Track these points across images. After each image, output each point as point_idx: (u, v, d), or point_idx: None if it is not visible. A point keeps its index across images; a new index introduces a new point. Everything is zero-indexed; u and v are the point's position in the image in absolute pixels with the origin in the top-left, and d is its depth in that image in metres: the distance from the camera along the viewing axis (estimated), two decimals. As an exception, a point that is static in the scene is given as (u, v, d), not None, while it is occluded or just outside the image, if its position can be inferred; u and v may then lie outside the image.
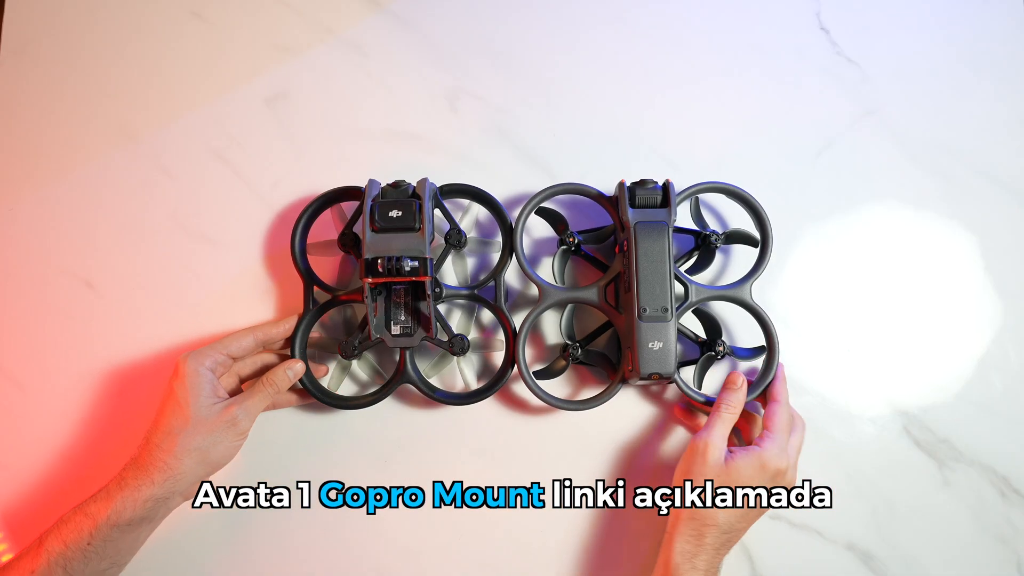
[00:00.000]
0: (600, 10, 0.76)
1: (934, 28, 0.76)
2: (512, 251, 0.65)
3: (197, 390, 0.57)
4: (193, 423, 0.56)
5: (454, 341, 0.63)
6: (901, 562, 0.66)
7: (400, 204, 0.59)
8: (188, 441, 0.56)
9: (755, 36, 0.75)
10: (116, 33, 0.75)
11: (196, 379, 0.58)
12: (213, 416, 0.57)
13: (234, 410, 0.58)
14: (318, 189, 0.67)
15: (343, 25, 0.75)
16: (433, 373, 0.67)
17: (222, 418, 0.57)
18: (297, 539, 0.66)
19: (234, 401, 0.59)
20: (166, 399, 0.58)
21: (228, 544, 0.65)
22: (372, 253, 0.59)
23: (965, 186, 0.73)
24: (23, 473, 0.66)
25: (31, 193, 0.71)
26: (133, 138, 0.72)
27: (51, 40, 0.74)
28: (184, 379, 0.58)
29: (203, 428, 0.57)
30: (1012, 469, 0.68)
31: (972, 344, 0.70)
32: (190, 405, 0.57)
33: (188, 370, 0.58)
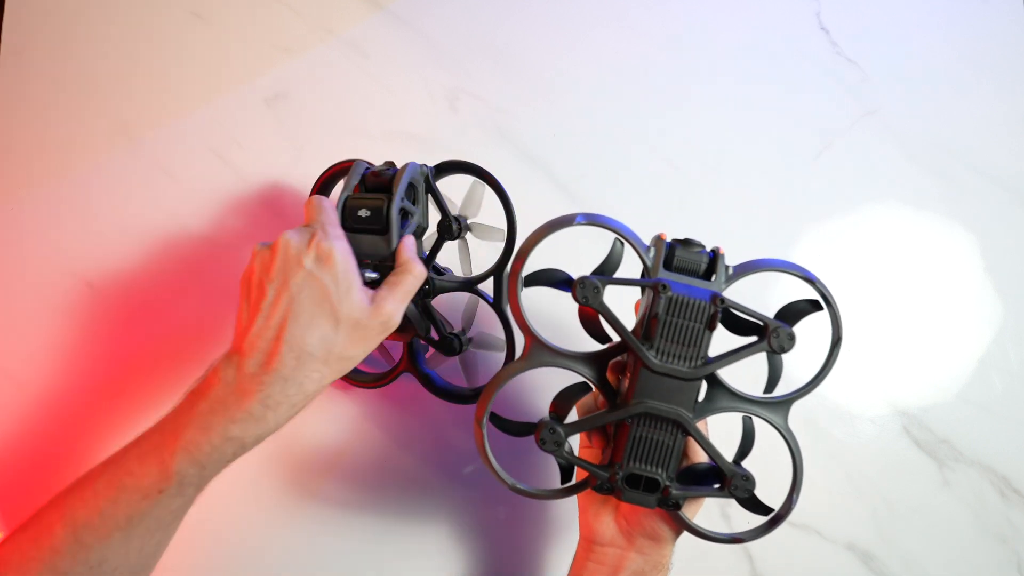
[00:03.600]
0: (600, 10, 0.76)
1: (934, 28, 0.77)
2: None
3: (349, 281, 0.47)
4: (345, 325, 0.46)
5: (446, 340, 0.59)
6: (901, 562, 0.66)
7: (368, 203, 0.52)
8: (333, 348, 0.46)
9: (755, 36, 0.75)
10: (116, 33, 0.75)
11: (350, 264, 0.47)
12: (367, 315, 0.47)
13: (388, 307, 0.48)
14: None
15: (343, 25, 0.75)
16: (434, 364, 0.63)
17: (377, 317, 0.48)
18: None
19: (383, 296, 0.48)
20: (296, 294, 0.46)
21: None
22: None
23: (965, 186, 0.73)
24: (23, 473, 0.66)
25: (31, 193, 0.71)
26: (133, 138, 0.72)
27: (51, 40, 0.75)
28: (337, 266, 0.46)
29: (355, 334, 0.47)
30: (1012, 469, 0.68)
31: (972, 344, 0.70)
32: (343, 302, 0.46)
33: (341, 254, 0.47)
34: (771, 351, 0.47)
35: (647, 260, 0.48)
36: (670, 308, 0.46)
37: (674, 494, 0.48)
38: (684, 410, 0.47)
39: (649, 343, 0.47)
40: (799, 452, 0.49)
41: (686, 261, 0.49)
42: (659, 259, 0.48)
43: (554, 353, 0.50)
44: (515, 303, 0.49)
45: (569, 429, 0.48)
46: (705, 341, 0.46)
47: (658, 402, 0.47)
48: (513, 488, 0.49)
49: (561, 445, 0.48)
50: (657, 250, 0.49)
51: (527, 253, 0.49)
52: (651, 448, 0.48)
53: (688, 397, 0.47)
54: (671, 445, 0.48)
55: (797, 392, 0.50)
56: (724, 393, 0.49)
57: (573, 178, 0.71)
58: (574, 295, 0.47)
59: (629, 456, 0.48)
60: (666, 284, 0.46)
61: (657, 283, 0.46)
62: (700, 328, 0.46)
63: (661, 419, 0.47)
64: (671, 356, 0.47)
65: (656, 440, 0.48)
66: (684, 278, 0.48)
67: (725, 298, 0.46)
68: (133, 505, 0.45)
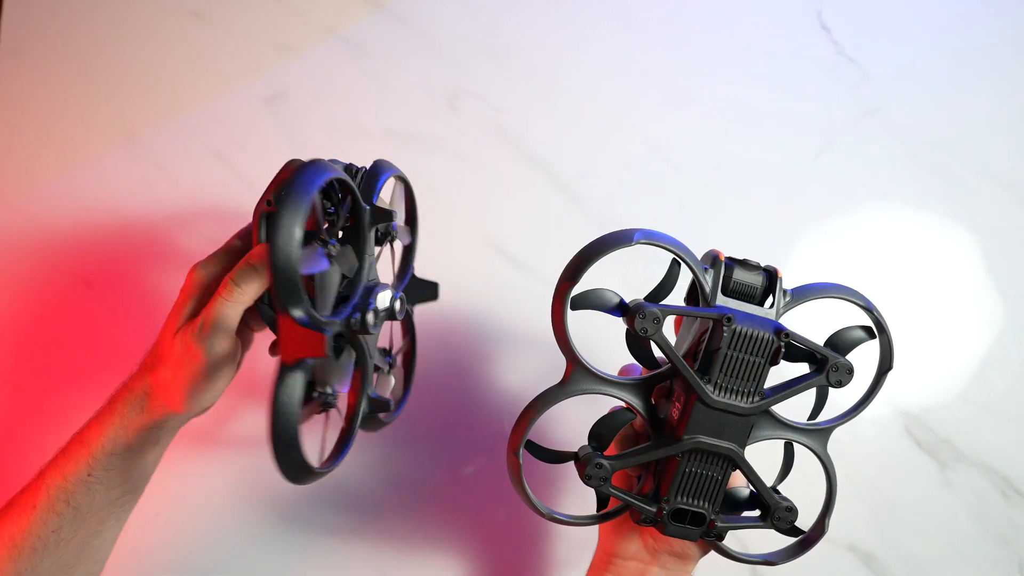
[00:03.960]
0: (601, 9, 0.76)
1: (935, 27, 0.76)
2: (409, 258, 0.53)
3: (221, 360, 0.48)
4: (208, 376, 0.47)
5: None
6: (902, 563, 0.66)
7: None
8: (198, 387, 0.48)
9: (755, 35, 0.75)
10: (115, 32, 0.75)
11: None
12: (232, 357, 0.48)
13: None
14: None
15: (343, 24, 0.75)
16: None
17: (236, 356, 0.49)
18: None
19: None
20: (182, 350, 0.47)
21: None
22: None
23: (966, 186, 0.73)
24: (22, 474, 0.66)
25: (30, 193, 0.71)
26: (132, 137, 0.72)
27: (50, 39, 0.74)
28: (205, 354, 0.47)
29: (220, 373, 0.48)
30: (1013, 469, 0.67)
31: (973, 344, 0.70)
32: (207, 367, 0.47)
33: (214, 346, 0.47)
34: (828, 385, 0.46)
35: (706, 284, 0.45)
36: (733, 341, 0.44)
37: (719, 527, 0.47)
38: (736, 445, 0.45)
39: (706, 376, 0.44)
40: (835, 477, 0.49)
41: (744, 285, 0.46)
42: (718, 283, 0.45)
43: (598, 380, 0.46)
44: (560, 324, 0.45)
45: (617, 463, 0.46)
46: (764, 376, 0.44)
47: (712, 439, 0.45)
48: (550, 517, 0.47)
49: (608, 480, 0.46)
50: (716, 273, 0.45)
51: (580, 272, 0.44)
52: (699, 483, 0.46)
53: (742, 432, 0.45)
54: (719, 479, 0.46)
55: (840, 419, 0.49)
56: (769, 421, 0.48)
57: (573, 178, 0.71)
58: (631, 324, 0.44)
59: (676, 491, 0.46)
60: (731, 316, 0.43)
61: (723, 315, 0.43)
62: (762, 363, 0.44)
63: (713, 455, 0.45)
64: (728, 391, 0.44)
65: (705, 475, 0.46)
66: (742, 304, 0.46)
67: (791, 332, 0.44)
68: (15, 523, 0.50)
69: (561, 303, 0.44)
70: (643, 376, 0.47)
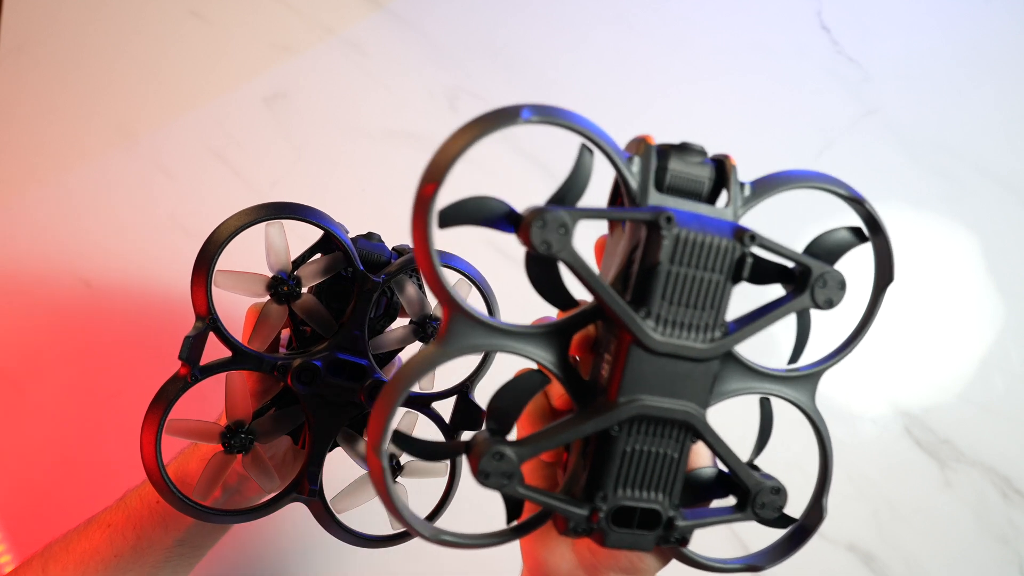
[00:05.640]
0: (601, 9, 0.75)
1: (936, 27, 0.76)
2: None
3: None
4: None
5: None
6: (902, 563, 0.66)
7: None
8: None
9: (756, 35, 0.75)
10: (115, 32, 0.74)
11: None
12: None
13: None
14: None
15: (343, 24, 0.75)
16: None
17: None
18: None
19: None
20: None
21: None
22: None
23: (967, 186, 0.73)
24: (21, 474, 0.66)
25: (29, 192, 0.71)
26: (132, 137, 0.72)
27: (50, 39, 0.74)
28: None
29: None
30: (1014, 470, 0.67)
31: (974, 344, 0.70)
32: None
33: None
34: (815, 306, 0.34)
35: (631, 178, 0.32)
36: (676, 253, 0.31)
37: (680, 527, 0.34)
38: (695, 405, 0.32)
39: (644, 308, 0.31)
40: (830, 441, 0.37)
41: (685, 178, 0.33)
42: (648, 175, 0.32)
43: (489, 330, 0.31)
44: (425, 251, 0.29)
45: (524, 450, 0.31)
46: (725, 299, 0.32)
47: (659, 398, 0.32)
48: (435, 539, 0.32)
49: (514, 476, 0.31)
50: (644, 163, 0.32)
51: (446, 167, 0.30)
52: (647, 466, 0.33)
53: (700, 385, 0.33)
54: (675, 458, 0.33)
55: (831, 358, 0.38)
56: (735, 369, 0.35)
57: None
58: (526, 238, 0.30)
59: (616, 481, 0.33)
60: (671, 215, 0.31)
61: (659, 213, 0.31)
62: (720, 281, 0.32)
63: (663, 422, 0.32)
64: (676, 327, 0.32)
65: (655, 453, 0.33)
66: (685, 203, 0.33)
67: (756, 233, 0.32)
68: (89, 539, 0.51)
69: (424, 217, 0.29)
70: (554, 321, 0.33)
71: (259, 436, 0.47)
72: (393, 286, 0.49)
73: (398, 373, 0.31)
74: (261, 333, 0.47)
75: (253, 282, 0.48)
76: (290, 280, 0.47)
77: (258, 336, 0.47)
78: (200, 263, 0.47)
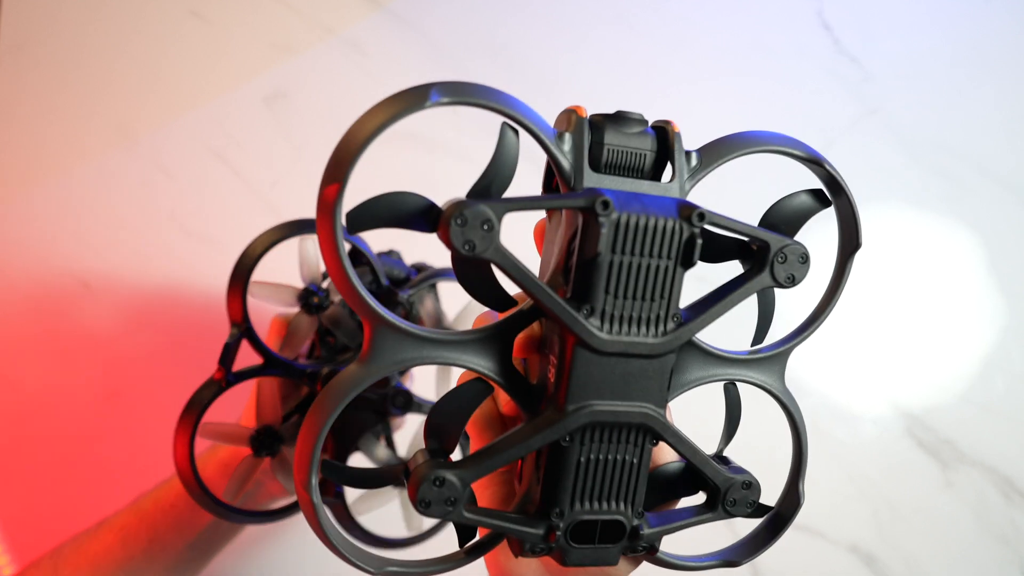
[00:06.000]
0: (601, 9, 0.75)
1: (937, 27, 0.76)
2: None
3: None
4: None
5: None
6: (903, 564, 0.66)
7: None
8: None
9: (756, 34, 0.75)
10: (115, 32, 0.74)
11: None
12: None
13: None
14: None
15: (343, 24, 0.74)
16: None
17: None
18: None
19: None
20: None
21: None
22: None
23: (968, 186, 0.72)
24: (21, 475, 0.66)
25: (28, 192, 0.71)
26: (132, 137, 0.72)
27: (49, 39, 0.74)
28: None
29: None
30: (1015, 470, 0.67)
31: (975, 345, 0.70)
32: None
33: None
34: (776, 285, 0.31)
35: (562, 157, 0.29)
36: (618, 240, 0.28)
37: (646, 535, 0.31)
38: (653, 405, 0.30)
39: (587, 305, 0.28)
40: (803, 423, 0.35)
41: (623, 151, 0.30)
42: (582, 153, 0.29)
43: (418, 341, 0.28)
44: (335, 259, 0.26)
45: (467, 473, 0.28)
46: (676, 287, 0.29)
47: (612, 401, 0.29)
48: (380, 572, 0.30)
49: (457, 502, 0.28)
50: (576, 139, 0.30)
51: (349, 164, 0.27)
52: (605, 475, 0.30)
53: (656, 382, 0.30)
54: (636, 463, 0.30)
55: (796, 335, 0.35)
56: (695, 356, 0.32)
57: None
58: (445, 239, 0.26)
59: (573, 495, 0.30)
60: (608, 200, 0.27)
61: (594, 198, 0.27)
62: (669, 267, 0.28)
63: (619, 427, 0.30)
64: (625, 322, 0.29)
65: (612, 460, 0.30)
66: (625, 181, 0.30)
67: (705, 210, 0.28)
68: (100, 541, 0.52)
69: (330, 223, 0.26)
70: (491, 324, 0.30)
71: (286, 440, 0.49)
72: (414, 299, 0.52)
73: (319, 400, 0.28)
74: (292, 342, 0.50)
75: (286, 293, 0.50)
76: (320, 292, 0.49)
77: (289, 345, 0.50)
78: (237, 274, 0.49)
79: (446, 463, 0.29)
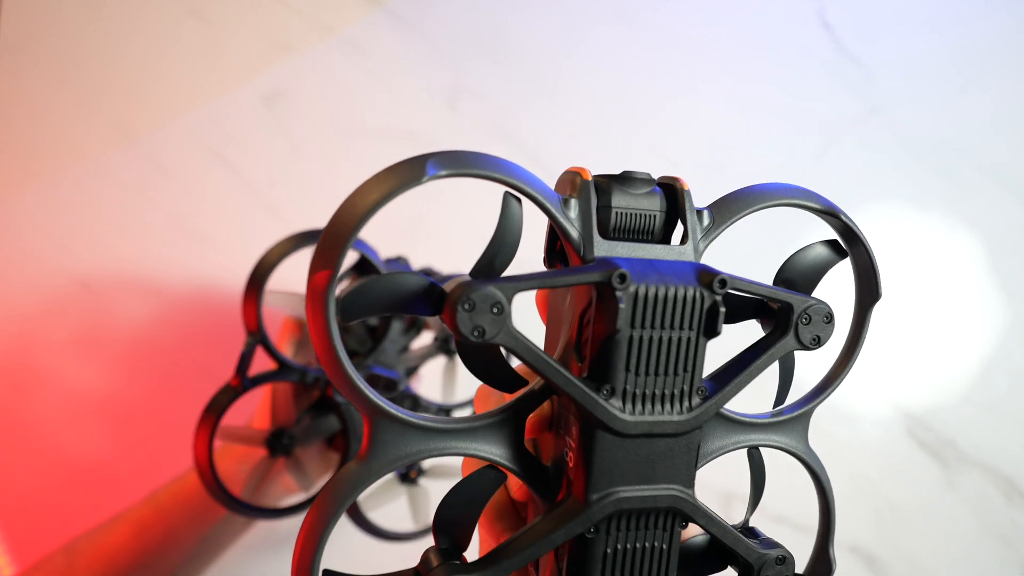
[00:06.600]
0: (602, 8, 0.75)
1: (937, 26, 0.76)
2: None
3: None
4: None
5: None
6: (904, 564, 0.66)
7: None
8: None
9: (757, 34, 0.75)
10: (114, 32, 0.74)
11: None
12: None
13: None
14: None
15: (342, 24, 0.74)
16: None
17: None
18: None
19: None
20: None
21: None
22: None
23: (970, 186, 0.72)
24: (19, 475, 0.66)
25: (27, 192, 0.71)
26: (131, 137, 0.72)
27: (49, 39, 0.74)
28: None
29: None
30: (1016, 471, 0.67)
31: (977, 345, 0.70)
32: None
33: None
34: (801, 347, 0.30)
35: (569, 227, 0.27)
36: (636, 315, 0.26)
37: None
38: (680, 486, 0.28)
39: (607, 386, 0.26)
40: (830, 485, 0.33)
41: (633, 214, 0.28)
42: (591, 220, 0.28)
43: (422, 432, 0.26)
44: (329, 351, 0.24)
45: (487, 574, 0.26)
46: (700, 359, 0.27)
47: (638, 487, 0.27)
48: None
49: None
50: (582, 204, 0.28)
51: (342, 249, 0.25)
52: (634, 565, 0.28)
53: (684, 461, 0.28)
54: (665, 549, 0.28)
55: (817, 395, 0.34)
56: (717, 424, 0.30)
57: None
58: (451, 325, 0.24)
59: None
60: (625, 272, 0.25)
61: (610, 271, 0.25)
62: (692, 338, 0.27)
63: (646, 512, 0.28)
64: (648, 400, 0.27)
65: (640, 549, 0.28)
66: (637, 247, 0.28)
67: (727, 276, 0.27)
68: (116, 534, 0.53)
69: (323, 312, 0.24)
70: (497, 409, 0.28)
71: (299, 441, 0.52)
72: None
73: (318, 502, 0.26)
74: (305, 349, 0.53)
75: (299, 301, 0.53)
76: None
77: (302, 351, 0.53)
78: (252, 283, 0.51)
79: (462, 565, 0.26)
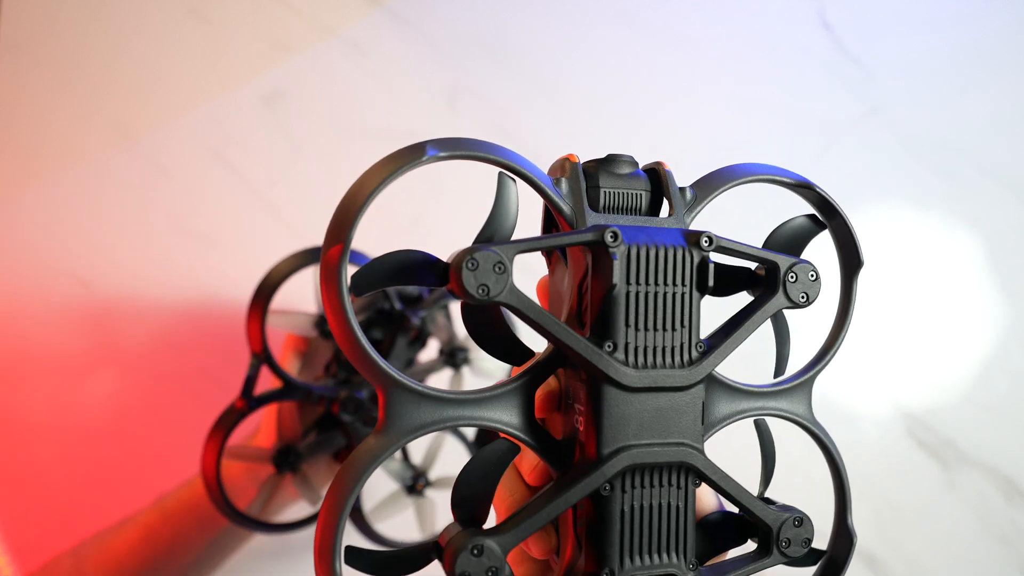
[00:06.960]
0: (602, 8, 0.75)
1: (937, 26, 0.76)
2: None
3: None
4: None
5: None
6: (904, 564, 0.66)
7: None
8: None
9: (757, 34, 0.75)
10: (115, 32, 0.74)
11: None
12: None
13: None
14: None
15: (342, 24, 0.74)
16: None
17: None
18: None
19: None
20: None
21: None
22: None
23: (969, 186, 0.72)
24: (18, 475, 0.66)
25: (27, 192, 0.71)
26: (131, 137, 0.72)
27: (49, 38, 0.74)
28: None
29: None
30: (1016, 471, 0.67)
31: (977, 345, 0.70)
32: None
33: None
34: (792, 304, 0.31)
35: (561, 202, 0.30)
36: (631, 270, 0.28)
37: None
38: (691, 440, 0.29)
39: (609, 341, 0.28)
40: (839, 454, 0.35)
41: (620, 192, 0.30)
42: (581, 196, 0.30)
43: (436, 403, 0.27)
44: (343, 323, 0.25)
45: (507, 538, 0.27)
46: (696, 314, 0.29)
47: (648, 442, 0.28)
48: None
49: (499, 572, 0.26)
50: (572, 185, 0.30)
51: (351, 224, 0.27)
52: (652, 523, 0.29)
53: (691, 416, 0.29)
54: (681, 507, 0.29)
55: (818, 363, 0.35)
56: (721, 393, 0.31)
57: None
58: (457, 286, 0.26)
59: (622, 550, 0.28)
60: (616, 231, 0.28)
61: (602, 230, 0.27)
62: (685, 293, 0.29)
63: (659, 468, 0.29)
64: (650, 354, 0.28)
65: (657, 507, 0.29)
66: (626, 218, 0.30)
67: (712, 234, 0.29)
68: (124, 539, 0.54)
69: (336, 286, 0.26)
70: (507, 379, 0.29)
71: (305, 457, 0.52)
72: (425, 317, 0.54)
73: (339, 477, 0.26)
74: (310, 366, 0.54)
75: (302, 320, 0.52)
76: None
77: (307, 368, 0.54)
78: (256, 302, 0.51)
79: (482, 530, 0.27)
